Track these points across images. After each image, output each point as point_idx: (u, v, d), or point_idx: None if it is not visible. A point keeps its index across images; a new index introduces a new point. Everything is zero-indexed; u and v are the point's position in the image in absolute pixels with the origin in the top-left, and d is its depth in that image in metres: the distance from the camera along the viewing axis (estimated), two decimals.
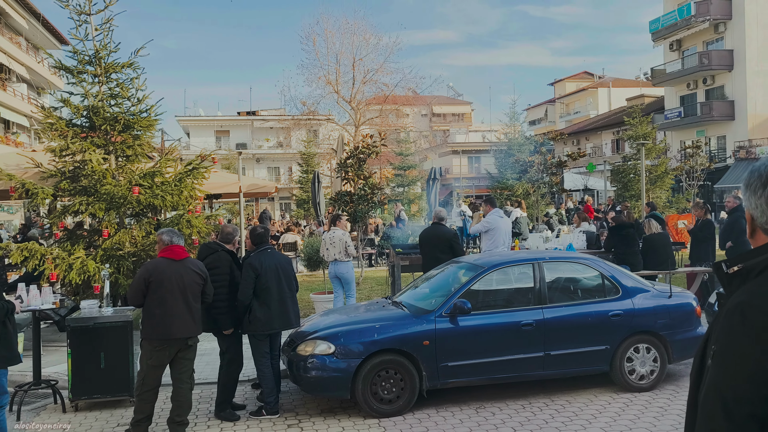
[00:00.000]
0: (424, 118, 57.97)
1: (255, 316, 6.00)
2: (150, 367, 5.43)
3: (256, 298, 6.02)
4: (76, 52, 9.34)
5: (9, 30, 34.77)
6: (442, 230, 9.14)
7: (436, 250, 8.65)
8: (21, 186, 8.90)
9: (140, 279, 5.38)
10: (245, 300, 5.98)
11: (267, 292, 6.03)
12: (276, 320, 6.10)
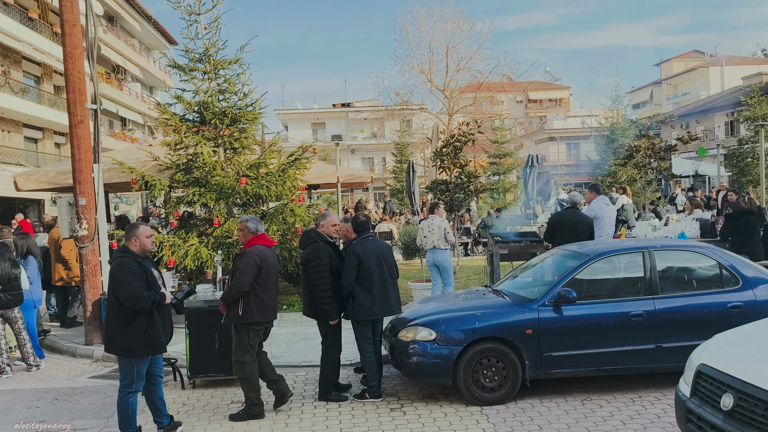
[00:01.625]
0: (520, 104, 56.65)
1: (358, 302, 6.14)
2: (251, 347, 5.75)
3: (359, 284, 6.16)
4: (188, 51, 9.89)
5: (124, 33, 37.33)
6: (580, 215, 8.86)
7: (574, 236, 8.39)
8: (141, 178, 9.57)
9: (254, 264, 5.64)
10: (348, 286, 6.14)
11: (369, 278, 6.16)
12: (378, 306, 6.22)
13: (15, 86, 25.17)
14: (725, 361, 3.91)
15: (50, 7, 27.71)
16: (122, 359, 5.11)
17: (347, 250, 6.34)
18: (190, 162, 9.87)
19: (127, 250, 5.14)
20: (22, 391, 6.99)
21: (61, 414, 6.14)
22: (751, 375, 3.58)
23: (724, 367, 3.80)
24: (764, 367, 3.64)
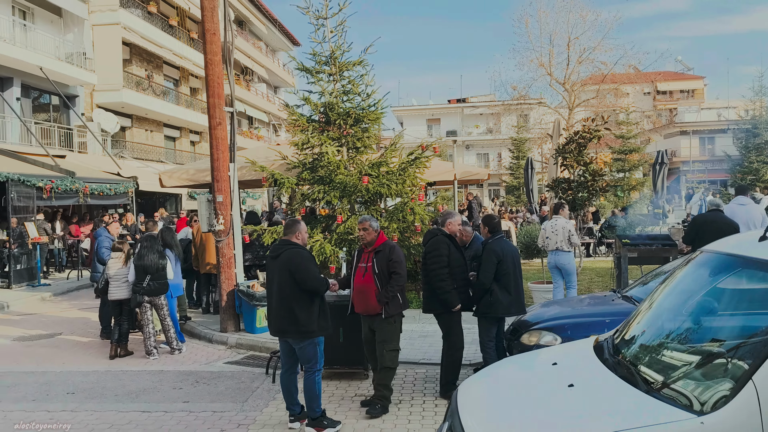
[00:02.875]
0: (647, 96, 53.46)
1: (497, 299, 6.18)
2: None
3: (497, 282, 6.20)
4: (315, 54, 10.29)
5: (252, 36, 39.43)
6: (726, 218, 8.31)
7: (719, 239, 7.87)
8: (271, 176, 10.11)
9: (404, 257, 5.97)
10: (488, 283, 6.18)
11: (507, 277, 6.20)
12: (514, 305, 6.26)
13: (157, 89, 27.41)
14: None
15: (188, 15, 29.88)
16: (304, 341, 5.47)
17: (485, 248, 6.37)
18: (316, 161, 10.26)
19: (296, 244, 5.53)
20: (167, 372, 7.64)
21: (202, 396, 6.65)
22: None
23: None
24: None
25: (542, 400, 3.28)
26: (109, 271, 8.45)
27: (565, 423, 2.92)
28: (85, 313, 11.59)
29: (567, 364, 3.64)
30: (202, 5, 9.04)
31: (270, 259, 5.63)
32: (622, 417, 2.80)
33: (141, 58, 26.47)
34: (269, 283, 5.62)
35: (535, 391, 3.46)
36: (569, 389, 3.20)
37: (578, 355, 3.75)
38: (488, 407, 3.43)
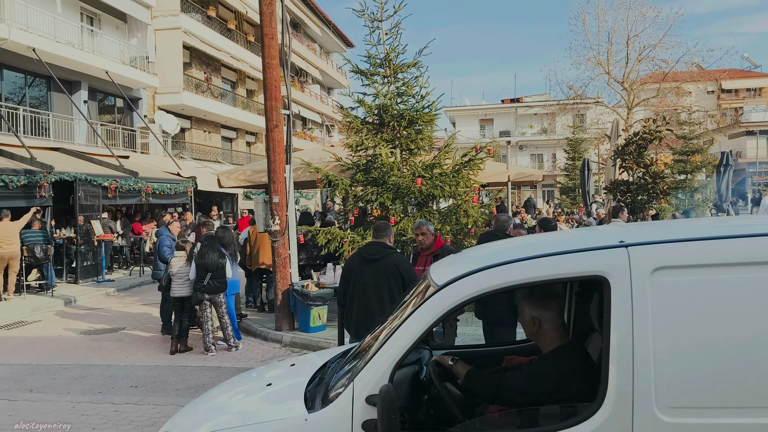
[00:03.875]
0: (711, 95, 51.47)
1: None
2: None
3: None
4: (370, 57, 10.34)
5: (306, 38, 40.01)
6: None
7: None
8: (325, 177, 10.23)
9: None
10: None
11: None
12: None
13: (215, 91, 28.16)
14: None
15: (245, 18, 30.57)
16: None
17: None
18: (370, 163, 10.31)
19: (394, 248, 5.65)
20: (224, 368, 7.84)
21: None
22: None
23: None
24: None
25: (236, 398, 3.64)
26: (172, 269, 8.74)
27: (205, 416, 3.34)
28: (146, 309, 12.01)
29: (283, 375, 3.80)
30: (261, 10, 9.23)
31: (362, 262, 5.49)
32: (242, 416, 3.19)
33: (200, 61, 27.24)
34: (356, 286, 5.48)
35: (239, 387, 3.79)
36: (267, 388, 3.51)
37: (308, 364, 3.90)
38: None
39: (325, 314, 9.50)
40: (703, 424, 2.53)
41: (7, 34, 16.24)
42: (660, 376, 2.57)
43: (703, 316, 2.58)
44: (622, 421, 2.56)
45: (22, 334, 10.09)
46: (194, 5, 26.28)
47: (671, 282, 2.62)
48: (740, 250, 2.65)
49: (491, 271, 2.85)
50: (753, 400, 2.51)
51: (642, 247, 2.73)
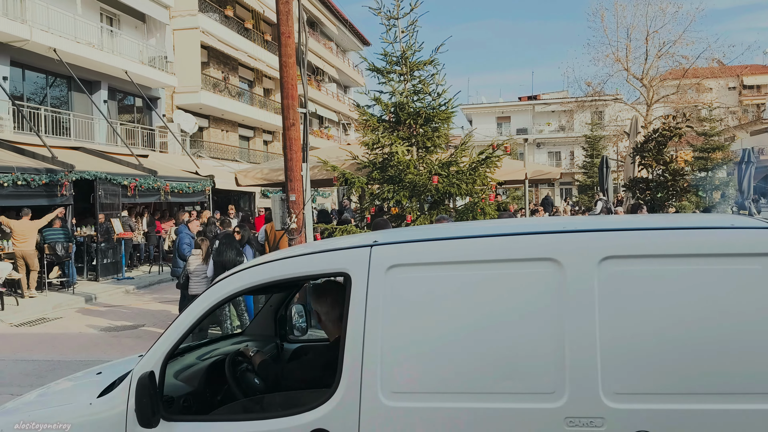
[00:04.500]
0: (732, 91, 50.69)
1: None
2: None
3: None
4: (386, 55, 10.33)
5: (323, 37, 40.11)
6: None
7: None
8: (342, 176, 10.25)
9: None
10: None
11: None
12: None
13: (232, 90, 28.34)
14: None
15: (262, 17, 30.73)
16: None
17: None
18: (386, 161, 10.31)
19: None
20: None
21: None
22: None
23: None
24: None
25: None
26: (190, 267, 8.82)
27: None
28: (165, 306, 12.14)
29: (116, 365, 4.08)
30: (278, 9, 9.27)
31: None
32: (51, 401, 3.54)
33: (218, 60, 27.42)
34: None
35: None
36: (95, 377, 3.77)
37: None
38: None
39: None
40: (422, 407, 2.74)
41: (29, 34, 16.49)
42: (386, 365, 2.79)
43: (426, 309, 2.82)
44: (351, 405, 2.78)
45: (44, 331, 10.26)
46: (212, 5, 26.47)
47: (403, 278, 2.85)
48: (463, 250, 2.92)
49: (251, 270, 3.18)
50: (465, 386, 2.73)
51: (383, 246, 2.98)
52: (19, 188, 12.83)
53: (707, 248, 2.68)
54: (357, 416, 2.78)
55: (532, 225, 3.44)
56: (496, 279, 2.80)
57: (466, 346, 2.77)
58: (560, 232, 2.97)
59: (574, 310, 2.68)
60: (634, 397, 2.62)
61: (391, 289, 2.85)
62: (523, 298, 2.76)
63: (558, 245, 2.81)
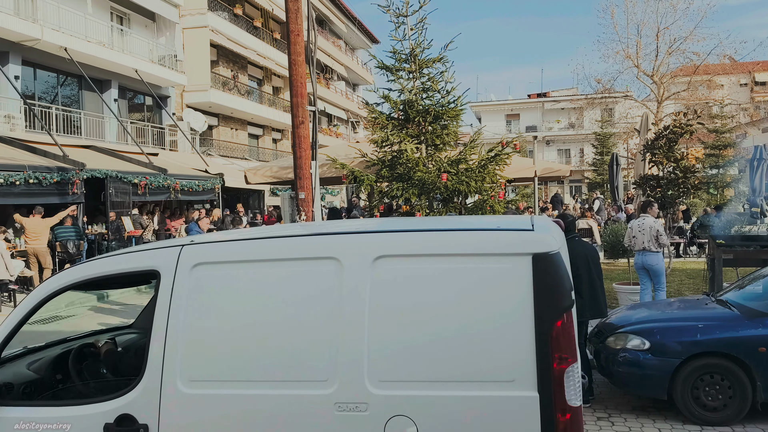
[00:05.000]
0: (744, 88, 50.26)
1: None
2: None
3: None
4: (395, 52, 10.32)
5: (332, 35, 40.10)
6: None
7: None
8: (351, 173, 10.26)
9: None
10: None
11: (578, 279, 5.97)
12: (587, 309, 6.02)
13: (241, 89, 28.41)
14: None
15: (271, 15, 30.77)
16: None
17: None
18: (395, 158, 10.31)
19: None
20: None
21: None
22: None
23: None
24: None
25: None
26: None
27: None
28: None
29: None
30: (287, 7, 9.28)
31: None
32: None
33: (227, 59, 27.49)
34: None
35: None
36: None
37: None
38: None
39: None
40: (216, 394, 3.00)
41: (40, 34, 16.60)
42: (186, 355, 3.05)
43: (224, 304, 3.07)
44: (153, 392, 3.03)
45: (57, 329, 10.34)
46: (221, 3, 26.53)
47: (206, 275, 3.11)
48: (258, 249, 3.18)
49: (76, 268, 3.48)
50: (254, 375, 2.99)
51: (194, 246, 3.25)
52: (31, 186, 12.93)
53: (465, 248, 2.89)
54: (158, 402, 3.03)
55: (319, 227, 3.68)
56: (286, 276, 3.03)
57: (256, 338, 3.02)
58: (342, 234, 3.24)
59: (348, 305, 2.91)
60: (394, 384, 2.84)
61: (195, 285, 3.10)
62: (307, 293, 2.99)
63: (339, 245, 3.06)
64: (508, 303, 2.77)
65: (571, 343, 2.73)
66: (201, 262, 3.15)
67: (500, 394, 2.73)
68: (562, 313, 2.71)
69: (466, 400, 2.77)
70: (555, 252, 2.80)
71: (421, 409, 2.80)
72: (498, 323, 2.77)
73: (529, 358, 2.71)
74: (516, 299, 2.76)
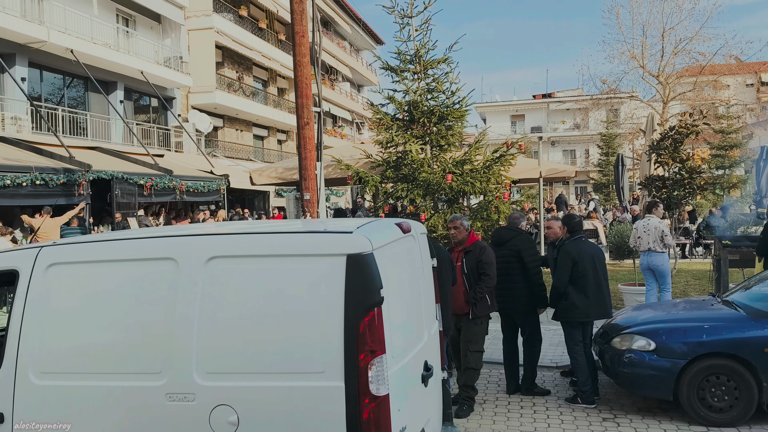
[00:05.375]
0: (750, 88, 50.06)
1: (572, 303, 6.00)
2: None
3: (573, 285, 6.01)
4: (400, 53, 10.32)
5: (337, 36, 40.15)
6: None
7: None
8: (355, 174, 10.27)
9: (494, 257, 5.98)
10: (561, 287, 6.02)
11: (585, 279, 5.99)
12: (593, 309, 6.03)
13: (246, 90, 28.47)
14: None
15: (276, 17, 30.83)
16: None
17: (560, 249, 6.22)
18: (400, 159, 10.31)
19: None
20: None
21: None
22: None
23: None
24: None
25: None
26: None
27: None
28: None
29: None
30: (292, 8, 9.30)
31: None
32: None
33: (232, 60, 27.56)
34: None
35: None
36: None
37: None
38: None
39: None
40: (63, 385, 3.24)
41: (47, 36, 16.68)
42: (37, 348, 3.28)
43: (74, 300, 3.31)
44: (8, 383, 3.28)
45: None
46: (226, 5, 26.60)
47: (60, 275, 3.34)
48: (106, 250, 3.44)
49: None
50: (98, 367, 3.22)
51: (52, 247, 3.49)
52: (38, 188, 12.99)
53: (287, 250, 3.14)
54: (12, 392, 3.29)
55: (161, 230, 3.87)
56: (129, 275, 3.28)
57: (100, 332, 3.27)
58: (180, 236, 3.46)
59: (182, 302, 3.12)
60: (219, 376, 3.05)
61: (48, 283, 3.35)
62: (147, 291, 3.22)
63: (177, 247, 3.29)
64: (323, 300, 2.96)
65: (379, 337, 2.90)
66: (55, 262, 3.39)
67: (312, 385, 2.92)
68: (370, 309, 2.89)
69: (282, 390, 2.97)
70: (368, 253, 2.97)
71: (241, 399, 3.01)
72: (313, 319, 2.97)
73: (337, 352, 2.89)
74: (330, 296, 2.94)
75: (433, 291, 4.13)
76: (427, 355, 3.73)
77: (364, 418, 2.86)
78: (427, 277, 4.01)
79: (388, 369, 2.96)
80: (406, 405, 3.20)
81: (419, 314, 3.74)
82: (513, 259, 6.21)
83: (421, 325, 3.75)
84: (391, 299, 3.12)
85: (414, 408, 3.38)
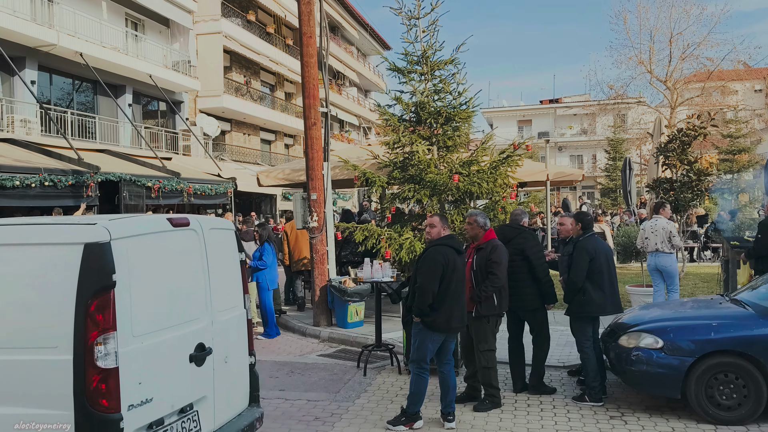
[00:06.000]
0: (758, 93, 49.81)
1: (590, 297, 6.02)
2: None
3: (589, 280, 6.04)
4: (407, 54, 10.35)
5: (344, 41, 40.29)
6: None
7: None
8: (362, 175, 10.29)
9: (506, 256, 5.97)
10: (579, 282, 6.03)
11: (601, 275, 6.04)
12: (609, 304, 6.08)
13: (254, 94, 28.59)
14: None
15: (284, 22, 30.99)
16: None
17: (576, 245, 6.23)
18: (406, 160, 10.32)
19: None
20: (263, 362, 7.89)
21: (297, 385, 6.88)
22: None
23: None
24: None
25: None
26: None
27: None
28: None
29: None
30: (300, 9, 9.37)
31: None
32: None
33: (240, 64, 27.70)
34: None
35: None
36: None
37: None
38: None
39: (362, 310, 9.56)
40: None
41: (56, 39, 16.82)
42: None
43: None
44: None
45: None
46: (234, 10, 26.75)
47: None
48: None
49: None
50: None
51: None
52: (46, 189, 13.06)
53: (31, 238, 3.53)
54: None
55: None
56: None
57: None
58: None
59: None
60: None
61: None
62: None
63: None
64: (61, 283, 3.33)
65: (108, 317, 3.29)
66: None
67: (47, 358, 3.33)
68: (101, 292, 3.28)
69: (22, 363, 3.36)
70: (105, 242, 3.34)
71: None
72: (51, 299, 3.37)
73: (69, 329, 3.29)
74: (66, 280, 3.32)
75: (234, 281, 4.49)
76: (206, 338, 3.98)
77: (92, 388, 3.25)
78: (220, 268, 4.26)
79: (122, 346, 3.32)
80: (154, 380, 3.54)
81: (193, 300, 4.00)
82: (518, 257, 6.21)
83: (195, 310, 4.00)
84: (141, 284, 3.51)
85: (174, 384, 3.72)
